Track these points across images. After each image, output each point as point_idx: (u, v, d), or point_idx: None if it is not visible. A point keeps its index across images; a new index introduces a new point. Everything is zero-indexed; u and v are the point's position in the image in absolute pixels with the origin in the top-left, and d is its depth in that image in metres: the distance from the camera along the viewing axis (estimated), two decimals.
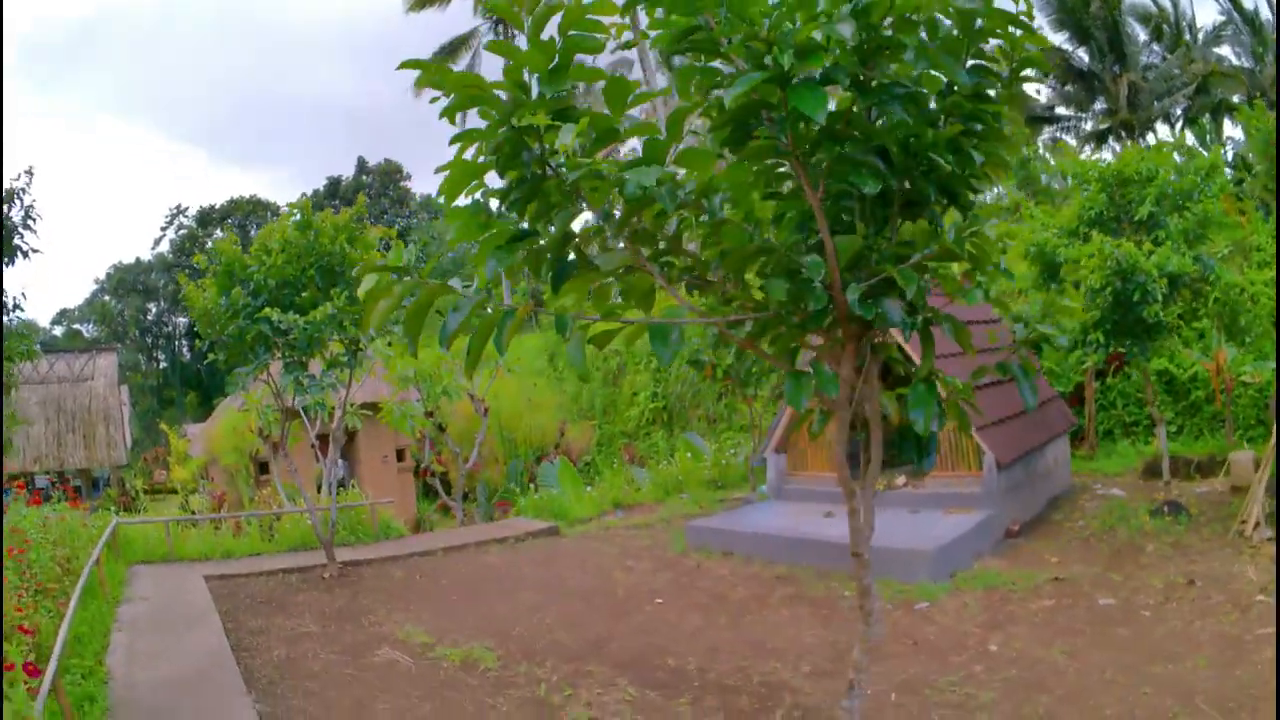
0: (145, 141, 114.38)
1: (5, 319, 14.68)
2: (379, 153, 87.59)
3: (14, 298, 14.77)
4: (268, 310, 12.62)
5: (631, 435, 28.46)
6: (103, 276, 67.82)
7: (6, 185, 14.09)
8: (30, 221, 14.38)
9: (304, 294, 13.33)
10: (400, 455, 25.85)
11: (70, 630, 8.52)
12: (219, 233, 63.94)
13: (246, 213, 64.85)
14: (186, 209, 66.62)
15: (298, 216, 13.56)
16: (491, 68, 45.21)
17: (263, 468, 24.42)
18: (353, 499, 17.61)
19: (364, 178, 67.89)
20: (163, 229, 67.24)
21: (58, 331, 67.43)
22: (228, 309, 13.11)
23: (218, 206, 65.56)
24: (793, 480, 15.81)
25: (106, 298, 66.76)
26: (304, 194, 66.35)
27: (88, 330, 66.20)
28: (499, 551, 15.80)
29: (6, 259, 14.30)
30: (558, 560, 14.70)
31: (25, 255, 14.48)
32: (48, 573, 10.64)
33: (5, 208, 13.99)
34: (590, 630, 10.54)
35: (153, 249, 67.89)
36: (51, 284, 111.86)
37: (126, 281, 65.99)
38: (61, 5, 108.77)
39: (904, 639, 9.29)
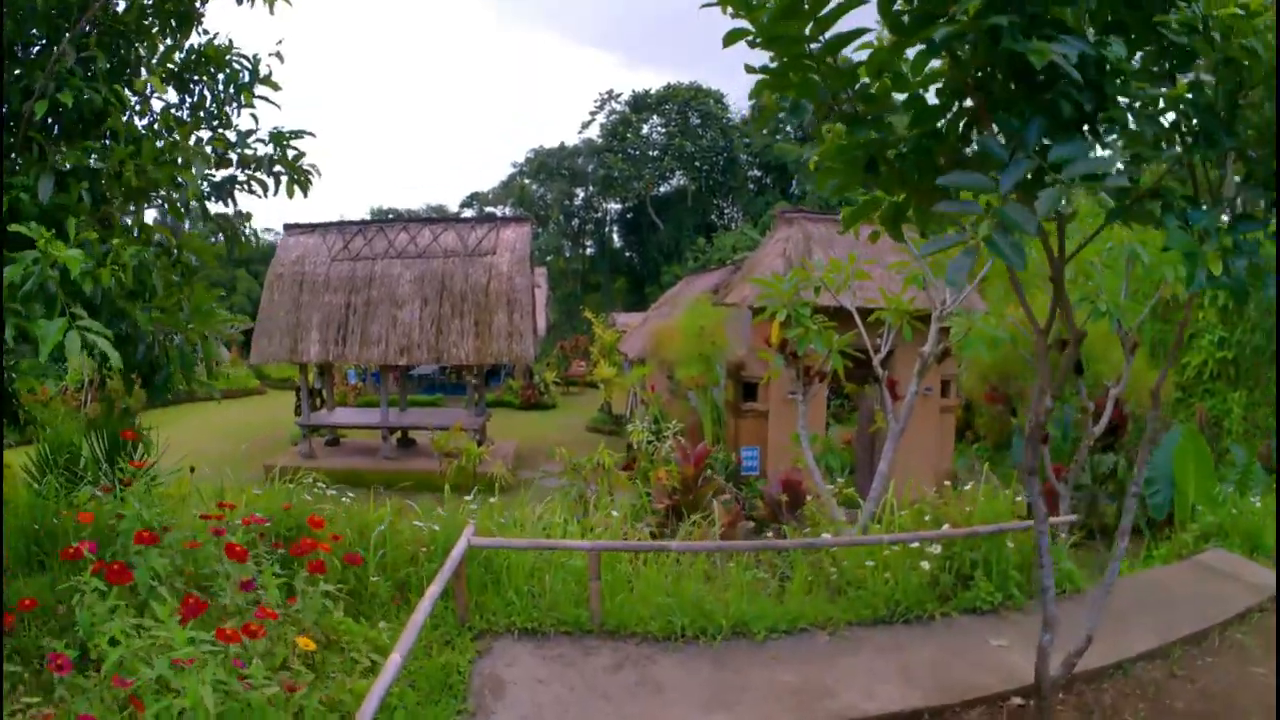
0: (552, 46, 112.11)
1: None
2: None
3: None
4: None
5: (1188, 389, 20.41)
6: (520, 160, 64.65)
7: None
8: None
9: None
10: (944, 389, 15.66)
11: None
12: (655, 118, 60.09)
13: (686, 100, 59.18)
14: (619, 94, 61.84)
15: None
16: None
17: (748, 391, 15.25)
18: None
19: None
20: (592, 114, 62.96)
21: (469, 214, 65.30)
22: None
23: (654, 91, 60.30)
24: None
25: (526, 181, 63.38)
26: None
27: (503, 214, 63.30)
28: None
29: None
30: None
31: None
32: None
33: None
34: None
35: (580, 133, 64.28)
36: (462, 169, 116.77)
37: (549, 166, 62.48)
38: None
39: None
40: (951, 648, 6.38)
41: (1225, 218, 3.62)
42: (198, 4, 6.92)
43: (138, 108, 6.48)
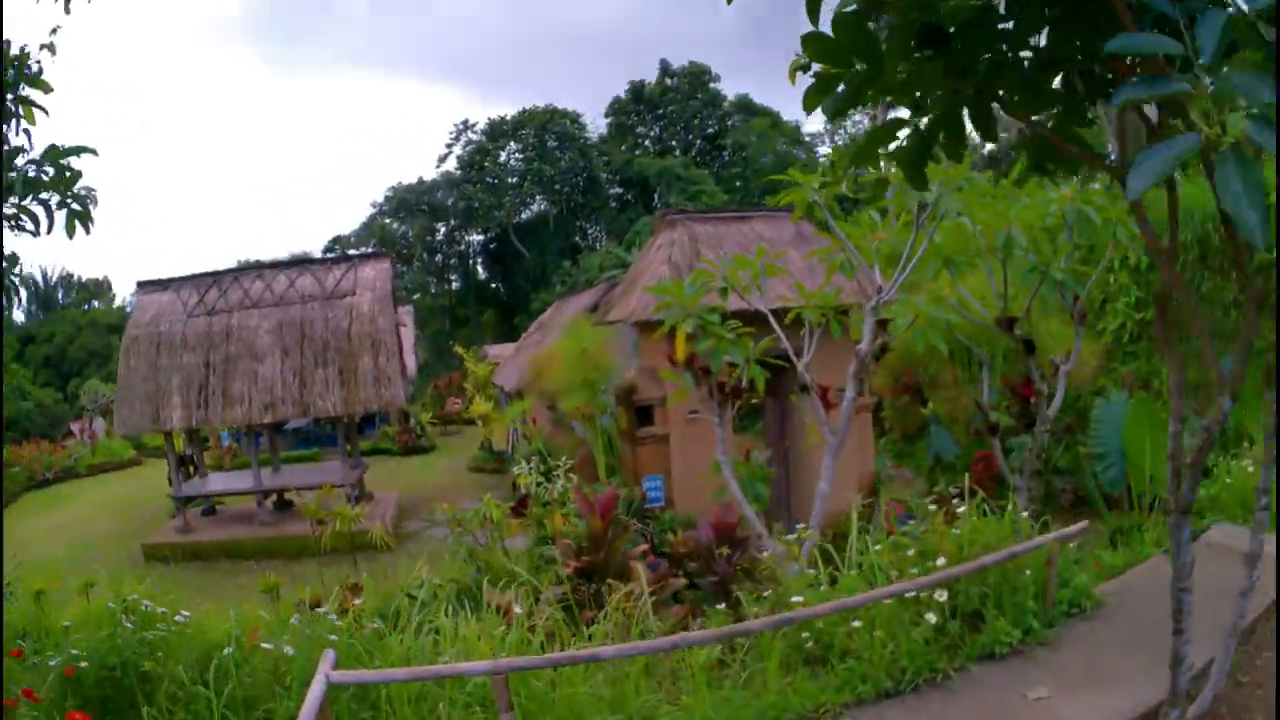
0: (398, 87, 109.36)
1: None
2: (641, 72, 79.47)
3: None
4: None
5: (1109, 355, 19.03)
6: (380, 200, 63.17)
7: None
8: None
9: None
10: (859, 386, 14.66)
11: None
12: (513, 144, 60.05)
13: (542, 123, 58.98)
14: (474, 124, 61.96)
15: None
16: None
17: (642, 415, 13.74)
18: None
19: (668, 80, 61.89)
20: (448, 146, 62.51)
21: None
22: None
23: (509, 117, 60.24)
24: None
25: (387, 220, 61.82)
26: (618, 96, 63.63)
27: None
28: None
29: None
30: None
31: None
32: None
33: None
34: None
35: (437, 167, 63.50)
36: (328, 219, 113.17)
37: (408, 202, 61.19)
38: None
39: None
40: (987, 715, 5.06)
41: None
42: None
43: None
